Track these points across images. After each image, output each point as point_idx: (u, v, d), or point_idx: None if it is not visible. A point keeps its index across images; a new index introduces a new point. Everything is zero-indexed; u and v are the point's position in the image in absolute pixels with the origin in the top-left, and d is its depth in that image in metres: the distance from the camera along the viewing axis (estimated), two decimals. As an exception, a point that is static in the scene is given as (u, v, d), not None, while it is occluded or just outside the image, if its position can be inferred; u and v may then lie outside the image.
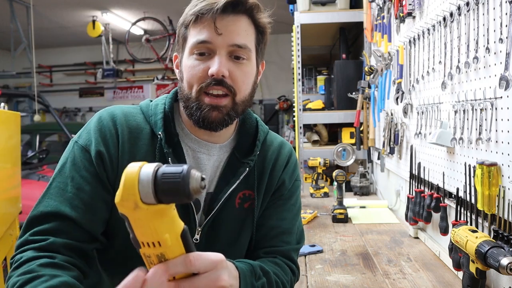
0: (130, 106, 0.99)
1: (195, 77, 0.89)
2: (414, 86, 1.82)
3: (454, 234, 1.16)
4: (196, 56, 0.89)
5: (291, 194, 1.07)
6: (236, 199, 0.98)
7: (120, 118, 0.93)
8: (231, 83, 0.89)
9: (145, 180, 0.54)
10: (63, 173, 0.89)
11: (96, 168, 0.88)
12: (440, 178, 1.53)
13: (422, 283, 1.36)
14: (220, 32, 0.87)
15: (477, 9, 1.22)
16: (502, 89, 1.07)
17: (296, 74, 3.02)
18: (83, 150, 0.90)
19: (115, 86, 8.73)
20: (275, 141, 1.08)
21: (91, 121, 0.94)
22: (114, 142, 0.91)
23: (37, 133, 5.31)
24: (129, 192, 0.55)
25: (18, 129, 2.35)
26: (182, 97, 0.93)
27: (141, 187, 0.54)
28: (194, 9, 0.89)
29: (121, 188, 0.55)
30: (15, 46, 5.78)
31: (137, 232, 0.58)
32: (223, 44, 0.88)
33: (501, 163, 1.11)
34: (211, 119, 0.90)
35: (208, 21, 0.88)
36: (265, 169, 1.03)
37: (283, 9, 3.79)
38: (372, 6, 2.57)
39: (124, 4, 6.14)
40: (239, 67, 0.90)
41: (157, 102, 0.98)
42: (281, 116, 8.04)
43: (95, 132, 0.91)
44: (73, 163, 0.89)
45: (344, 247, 1.73)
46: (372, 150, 2.85)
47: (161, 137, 0.92)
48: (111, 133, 0.91)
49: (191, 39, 0.90)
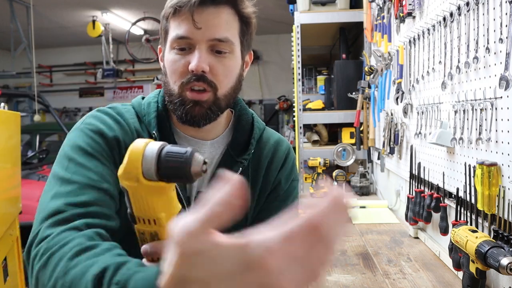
0: (125, 104, 0.95)
1: (176, 72, 0.87)
2: (414, 86, 1.82)
3: (454, 234, 1.16)
4: (176, 50, 0.87)
5: (287, 195, 1.03)
6: None
7: (125, 115, 0.91)
8: (211, 78, 0.87)
9: (149, 156, 0.56)
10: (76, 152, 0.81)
11: (113, 152, 0.83)
12: (440, 178, 1.53)
13: (422, 283, 1.36)
14: (199, 26, 0.84)
15: (477, 9, 1.22)
16: (502, 89, 1.07)
17: (296, 74, 3.02)
18: (96, 133, 0.84)
19: (115, 86, 8.73)
20: (272, 138, 1.04)
21: (93, 113, 0.89)
22: (128, 131, 0.88)
23: (37, 133, 5.31)
24: (133, 165, 0.56)
25: (18, 129, 2.35)
26: (167, 92, 0.91)
27: (145, 162, 0.56)
28: (173, 1, 0.86)
29: (125, 161, 0.57)
30: (15, 46, 5.78)
31: (135, 207, 0.59)
32: (202, 38, 0.85)
33: (501, 163, 1.11)
34: (193, 114, 0.88)
35: (186, 14, 0.84)
36: (260, 168, 0.99)
37: (283, 9, 3.80)
38: (372, 6, 2.57)
39: (124, 4, 6.14)
40: (220, 61, 0.87)
41: (149, 100, 0.95)
42: (281, 116, 8.03)
43: (106, 120, 0.87)
44: (85, 142, 0.82)
45: (344, 247, 1.73)
46: (372, 150, 2.85)
47: (155, 136, 0.90)
48: (127, 122, 0.88)
49: (171, 33, 0.88)
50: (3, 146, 2.10)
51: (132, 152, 0.57)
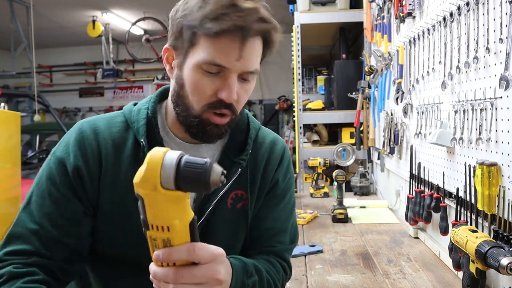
0: (113, 114, 0.95)
1: (202, 94, 0.83)
2: (414, 86, 1.82)
3: (454, 234, 1.16)
4: (204, 72, 0.81)
5: (285, 193, 1.03)
6: (228, 199, 0.95)
7: (103, 131, 0.89)
8: (236, 105, 0.86)
9: (168, 165, 0.56)
10: (40, 187, 0.87)
11: (74, 184, 0.86)
12: (440, 178, 1.53)
13: (422, 283, 1.36)
14: (241, 59, 0.80)
15: (477, 9, 1.22)
16: (502, 89, 1.07)
17: (296, 74, 3.02)
18: (59, 164, 0.86)
19: (115, 86, 8.73)
20: (268, 138, 1.03)
21: (70, 133, 0.90)
22: (95, 158, 0.87)
23: (37, 133, 5.30)
24: (151, 174, 0.56)
25: (18, 129, 2.35)
26: (180, 103, 0.87)
27: (163, 172, 0.56)
28: (218, 22, 0.77)
29: (143, 170, 0.57)
30: (15, 46, 5.78)
31: (149, 214, 0.59)
32: (238, 69, 0.81)
33: (501, 163, 1.11)
34: (211, 135, 0.88)
35: (231, 42, 0.78)
36: (257, 168, 0.99)
37: (283, 9, 3.80)
38: (372, 6, 2.57)
39: (124, 4, 6.14)
40: (244, 88, 0.86)
41: (140, 107, 0.94)
42: (281, 116, 8.03)
43: (73, 145, 0.87)
44: (48, 177, 0.86)
45: (344, 247, 1.73)
46: (372, 150, 2.85)
47: (143, 145, 0.88)
48: (92, 148, 0.87)
49: (202, 53, 0.80)
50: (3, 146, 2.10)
51: (150, 160, 0.57)
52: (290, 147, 6.73)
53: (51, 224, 0.84)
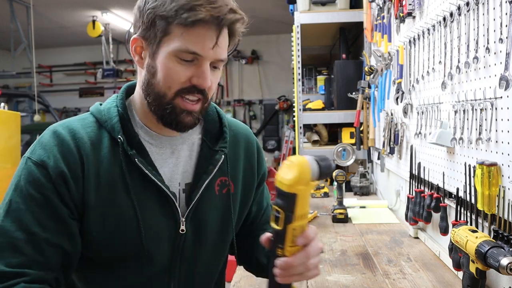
0: (81, 116, 0.95)
1: (176, 81, 0.86)
2: (414, 86, 1.82)
3: (454, 234, 1.16)
4: (179, 59, 0.85)
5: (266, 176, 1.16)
6: (215, 186, 0.99)
7: (79, 132, 0.89)
8: (207, 91, 0.89)
9: (313, 164, 0.74)
10: (21, 192, 0.83)
11: (57, 188, 0.83)
12: (440, 178, 1.53)
13: (422, 283, 1.36)
14: (216, 47, 0.85)
15: (477, 9, 1.22)
16: (502, 89, 1.07)
17: (296, 74, 3.02)
18: (40, 167, 0.84)
19: (115, 86, 8.72)
20: (238, 125, 1.10)
21: (44, 137, 0.88)
22: (76, 159, 0.86)
23: (37, 133, 5.30)
24: (304, 173, 0.73)
25: (18, 129, 2.35)
26: (151, 92, 0.89)
27: (312, 169, 0.73)
28: (195, 13, 0.81)
29: (296, 172, 0.72)
30: (15, 46, 5.78)
31: (299, 207, 0.73)
32: (212, 57, 0.86)
33: (501, 163, 1.11)
34: (183, 123, 0.89)
35: (206, 31, 0.83)
36: (237, 154, 1.05)
37: (283, 9, 3.80)
38: (372, 6, 2.57)
39: (124, 4, 6.13)
40: (215, 75, 0.91)
41: (108, 106, 0.94)
42: (281, 116, 8.03)
43: (52, 148, 0.85)
44: (29, 182, 0.83)
45: (344, 247, 1.73)
46: (372, 150, 2.85)
47: (121, 141, 0.88)
48: (71, 150, 0.86)
49: (177, 42, 0.83)
50: (3, 146, 2.10)
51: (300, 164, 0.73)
52: (290, 147, 6.75)
53: (41, 228, 0.81)
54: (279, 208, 0.74)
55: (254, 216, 1.13)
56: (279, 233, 0.75)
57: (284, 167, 0.74)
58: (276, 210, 0.74)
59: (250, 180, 1.08)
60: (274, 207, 0.75)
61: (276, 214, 0.74)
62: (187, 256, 0.96)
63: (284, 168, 0.74)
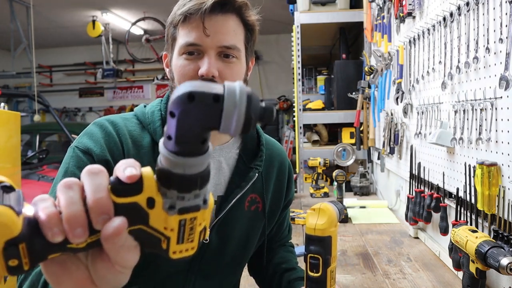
0: (125, 115, 0.97)
1: (185, 76, 0.89)
2: (414, 86, 1.82)
3: (454, 234, 1.16)
4: (185, 56, 0.90)
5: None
6: (245, 202, 1.00)
7: (122, 127, 0.91)
8: (219, 81, 0.88)
9: (334, 207, 0.82)
10: (71, 175, 0.83)
11: None
12: (440, 178, 1.53)
13: (422, 283, 1.36)
14: (209, 33, 0.87)
15: (477, 9, 1.22)
16: (502, 89, 1.07)
17: (296, 74, 3.02)
18: (85, 154, 0.86)
19: (115, 86, 8.73)
20: (275, 146, 1.11)
21: (90, 128, 0.91)
22: (120, 151, 0.88)
23: (37, 133, 5.30)
24: (333, 218, 0.80)
25: (18, 129, 2.35)
26: None
27: (335, 211, 0.82)
28: (183, 9, 0.88)
29: (326, 217, 0.80)
30: (15, 46, 5.78)
31: (334, 248, 0.80)
32: (212, 45, 0.88)
33: (501, 163, 1.11)
34: None
35: (196, 21, 0.88)
36: (270, 174, 1.06)
37: (283, 9, 3.80)
38: (372, 6, 2.57)
39: (124, 4, 6.14)
40: (228, 66, 0.90)
41: (152, 109, 0.96)
42: (281, 116, 8.03)
43: (98, 139, 0.87)
44: (77, 166, 0.84)
45: (344, 247, 1.73)
46: (372, 150, 2.85)
47: None
48: (115, 141, 0.88)
49: (180, 40, 0.90)
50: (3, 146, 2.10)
51: (327, 209, 0.81)
52: (290, 147, 6.75)
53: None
54: (316, 254, 0.77)
55: (273, 234, 1.15)
56: (319, 280, 0.78)
57: (310, 216, 0.80)
58: (312, 257, 0.78)
59: (277, 202, 1.09)
60: (309, 256, 0.78)
61: (313, 262, 0.77)
62: (205, 265, 0.96)
63: (311, 216, 0.79)
